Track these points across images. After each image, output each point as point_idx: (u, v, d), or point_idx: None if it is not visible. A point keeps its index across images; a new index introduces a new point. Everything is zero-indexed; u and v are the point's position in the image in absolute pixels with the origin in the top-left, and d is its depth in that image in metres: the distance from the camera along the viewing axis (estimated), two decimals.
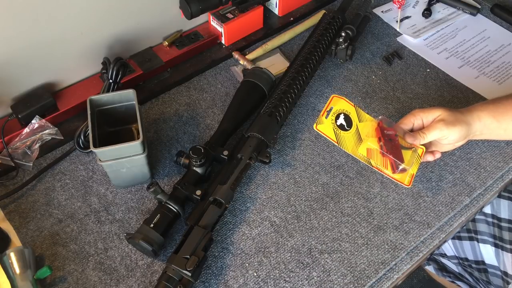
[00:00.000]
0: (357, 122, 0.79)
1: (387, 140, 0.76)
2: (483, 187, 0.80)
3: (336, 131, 0.77)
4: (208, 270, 0.72)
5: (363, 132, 0.78)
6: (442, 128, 0.73)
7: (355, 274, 0.71)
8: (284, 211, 0.78)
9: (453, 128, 0.73)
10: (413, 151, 0.76)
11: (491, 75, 0.98)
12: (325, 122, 0.78)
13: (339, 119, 0.78)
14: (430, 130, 0.74)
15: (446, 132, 0.73)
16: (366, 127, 0.78)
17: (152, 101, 0.93)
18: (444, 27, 1.08)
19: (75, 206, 0.78)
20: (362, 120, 0.79)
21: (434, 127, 0.74)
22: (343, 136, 0.78)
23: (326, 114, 0.78)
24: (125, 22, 0.91)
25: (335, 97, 0.79)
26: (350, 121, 0.79)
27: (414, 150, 0.76)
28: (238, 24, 1.00)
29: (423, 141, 0.74)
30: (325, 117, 0.78)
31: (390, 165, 0.76)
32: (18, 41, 0.80)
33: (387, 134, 0.76)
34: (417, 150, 0.77)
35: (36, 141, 0.83)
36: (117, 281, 0.71)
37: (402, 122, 0.77)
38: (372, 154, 0.76)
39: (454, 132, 0.74)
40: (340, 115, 0.78)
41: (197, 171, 0.77)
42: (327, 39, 0.94)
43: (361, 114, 0.79)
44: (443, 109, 0.75)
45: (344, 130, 0.78)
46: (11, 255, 0.68)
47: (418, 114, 0.76)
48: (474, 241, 0.95)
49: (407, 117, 0.77)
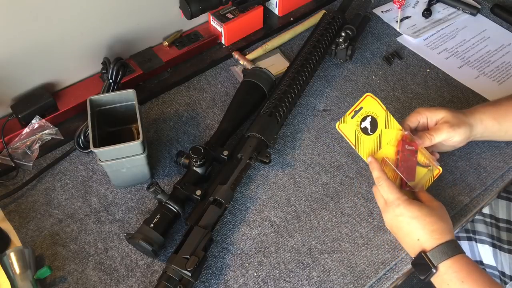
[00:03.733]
0: (382, 128, 0.75)
1: (405, 156, 0.74)
2: (483, 187, 0.80)
3: (358, 133, 0.74)
4: (208, 270, 0.72)
5: (385, 140, 0.75)
6: (448, 130, 0.74)
7: (355, 274, 0.71)
8: (284, 211, 0.78)
9: (458, 129, 0.74)
10: (428, 170, 0.75)
11: (491, 75, 0.98)
12: (349, 122, 0.74)
13: (365, 122, 0.74)
14: (437, 132, 0.74)
15: (452, 133, 0.74)
16: (390, 134, 0.75)
17: (152, 101, 0.93)
18: (444, 27, 1.08)
19: (75, 206, 0.78)
20: (388, 127, 0.75)
21: (441, 130, 0.74)
22: (363, 140, 0.74)
23: (354, 113, 0.74)
24: (125, 22, 0.91)
25: (369, 97, 0.74)
26: (376, 126, 0.74)
27: (430, 170, 0.75)
28: (238, 24, 1.00)
29: (429, 143, 0.74)
30: (351, 117, 0.74)
31: (399, 180, 0.74)
32: (18, 41, 0.80)
33: (408, 149, 0.74)
34: (434, 170, 0.75)
35: (36, 141, 0.83)
36: (117, 281, 0.71)
37: (408, 120, 0.77)
38: (386, 165, 0.74)
39: (458, 134, 0.75)
40: (367, 118, 0.74)
41: (197, 171, 0.77)
42: (327, 39, 0.94)
43: (390, 120, 0.75)
44: (447, 111, 0.76)
45: (367, 134, 0.74)
46: (11, 255, 0.68)
47: (423, 113, 0.77)
48: (472, 241, 0.95)
49: (413, 115, 0.77)
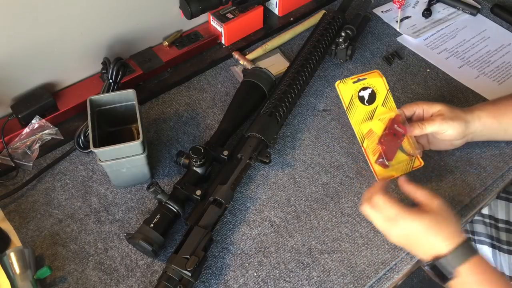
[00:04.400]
0: (379, 104, 0.78)
1: (391, 133, 0.76)
2: (483, 187, 0.80)
3: (354, 99, 0.77)
4: (208, 270, 0.72)
5: (378, 116, 0.78)
6: (440, 121, 0.75)
7: (355, 274, 0.71)
8: (284, 211, 0.78)
9: (451, 123, 0.75)
10: (409, 158, 0.77)
11: (491, 75, 0.98)
12: (349, 85, 0.76)
13: (364, 91, 0.77)
14: (430, 123, 0.76)
15: (445, 126, 0.75)
16: (384, 113, 0.78)
17: (152, 101, 0.93)
18: (444, 27, 1.08)
19: (75, 206, 0.78)
20: (385, 106, 0.78)
21: (433, 120, 0.76)
22: (356, 107, 0.77)
23: (357, 80, 0.77)
24: (125, 22, 0.91)
25: (376, 73, 0.78)
26: (373, 99, 0.78)
27: (411, 159, 0.77)
28: (238, 24, 1.00)
29: (419, 132, 0.76)
30: (352, 82, 0.76)
31: (378, 154, 0.77)
32: (18, 41, 0.80)
33: (395, 129, 0.76)
34: (415, 161, 0.77)
35: (36, 141, 0.83)
36: (117, 281, 0.71)
37: (404, 107, 0.79)
38: (371, 136, 0.77)
39: (451, 127, 0.75)
40: (367, 89, 0.77)
41: (197, 171, 0.77)
42: (327, 39, 0.94)
43: (389, 100, 0.78)
44: (444, 105, 0.77)
45: (362, 103, 0.77)
46: (11, 255, 0.68)
47: (421, 105, 0.78)
48: (472, 242, 0.95)
49: (410, 104, 0.79)
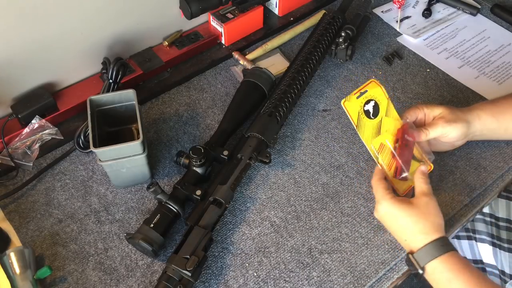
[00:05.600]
0: (383, 115, 0.77)
1: (403, 144, 0.75)
2: (483, 187, 0.80)
3: (361, 114, 0.76)
4: (208, 270, 0.72)
5: (384, 127, 0.77)
6: (443, 125, 0.75)
7: (355, 274, 0.71)
8: (284, 211, 0.78)
9: (454, 125, 0.75)
10: (421, 165, 0.75)
11: (491, 75, 0.98)
12: (354, 101, 0.75)
13: (368, 105, 0.76)
14: (432, 127, 0.75)
15: (448, 129, 0.75)
16: (389, 123, 0.77)
17: (152, 101, 0.93)
18: (444, 27, 1.08)
19: (75, 206, 0.78)
20: (388, 115, 0.77)
21: (436, 124, 0.75)
22: (364, 123, 0.76)
23: (359, 94, 0.76)
24: (125, 22, 0.91)
25: (373, 82, 0.76)
26: (377, 111, 0.77)
27: (422, 164, 0.75)
28: (238, 24, 1.00)
29: (425, 138, 0.75)
30: (356, 97, 0.75)
31: (395, 168, 0.75)
32: (18, 41, 0.80)
33: (406, 138, 0.75)
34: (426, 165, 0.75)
35: (36, 141, 0.83)
36: (117, 281, 0.71)
37: (407, 113, 0.78)
38: (383, 151, 0.76)
39: (454, 130, 0.75)
40: (370, 101, 0.76)
41: (197, 171, 0.77)
42: (327, 39, 0.94)
43: (390, 109, 0.77)
44: (444, 108, 0.77)
45: (368, 117, 0.76)
46: (11, 255, 0.68)
47: (421, 108, 0.78)
48: (472, 240, 0.95)
49: (412, 109, 0.78)
